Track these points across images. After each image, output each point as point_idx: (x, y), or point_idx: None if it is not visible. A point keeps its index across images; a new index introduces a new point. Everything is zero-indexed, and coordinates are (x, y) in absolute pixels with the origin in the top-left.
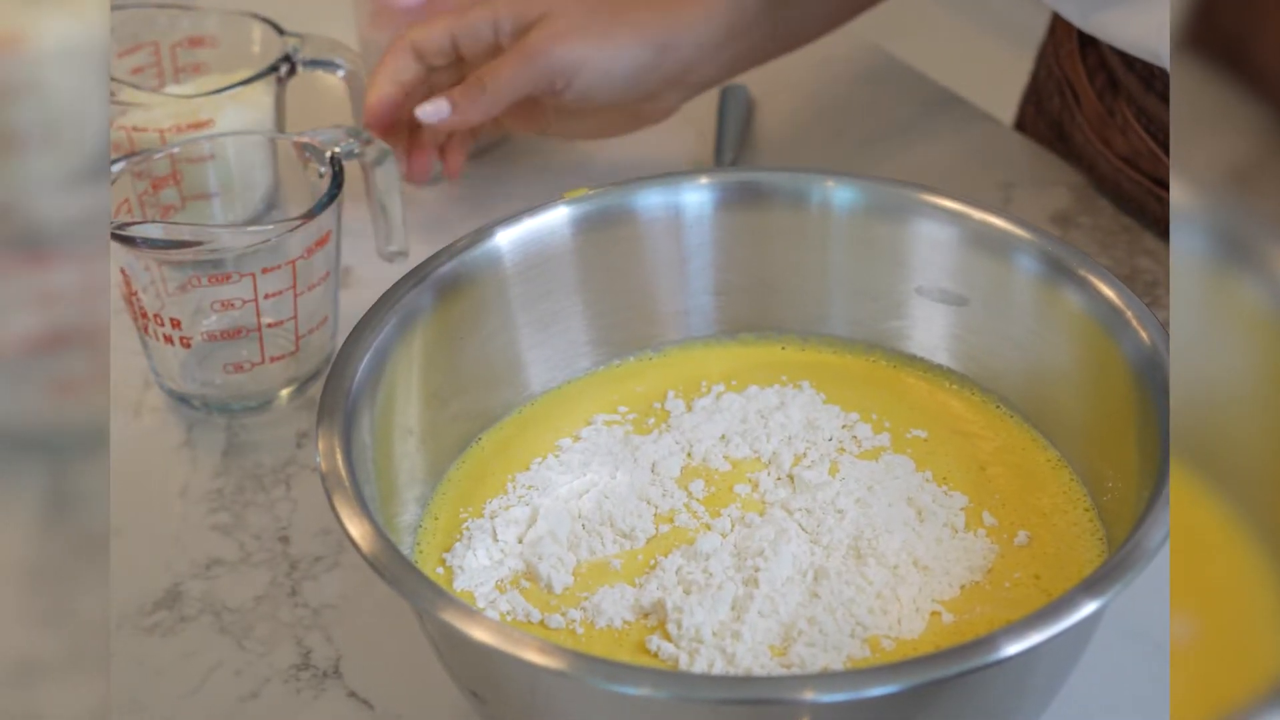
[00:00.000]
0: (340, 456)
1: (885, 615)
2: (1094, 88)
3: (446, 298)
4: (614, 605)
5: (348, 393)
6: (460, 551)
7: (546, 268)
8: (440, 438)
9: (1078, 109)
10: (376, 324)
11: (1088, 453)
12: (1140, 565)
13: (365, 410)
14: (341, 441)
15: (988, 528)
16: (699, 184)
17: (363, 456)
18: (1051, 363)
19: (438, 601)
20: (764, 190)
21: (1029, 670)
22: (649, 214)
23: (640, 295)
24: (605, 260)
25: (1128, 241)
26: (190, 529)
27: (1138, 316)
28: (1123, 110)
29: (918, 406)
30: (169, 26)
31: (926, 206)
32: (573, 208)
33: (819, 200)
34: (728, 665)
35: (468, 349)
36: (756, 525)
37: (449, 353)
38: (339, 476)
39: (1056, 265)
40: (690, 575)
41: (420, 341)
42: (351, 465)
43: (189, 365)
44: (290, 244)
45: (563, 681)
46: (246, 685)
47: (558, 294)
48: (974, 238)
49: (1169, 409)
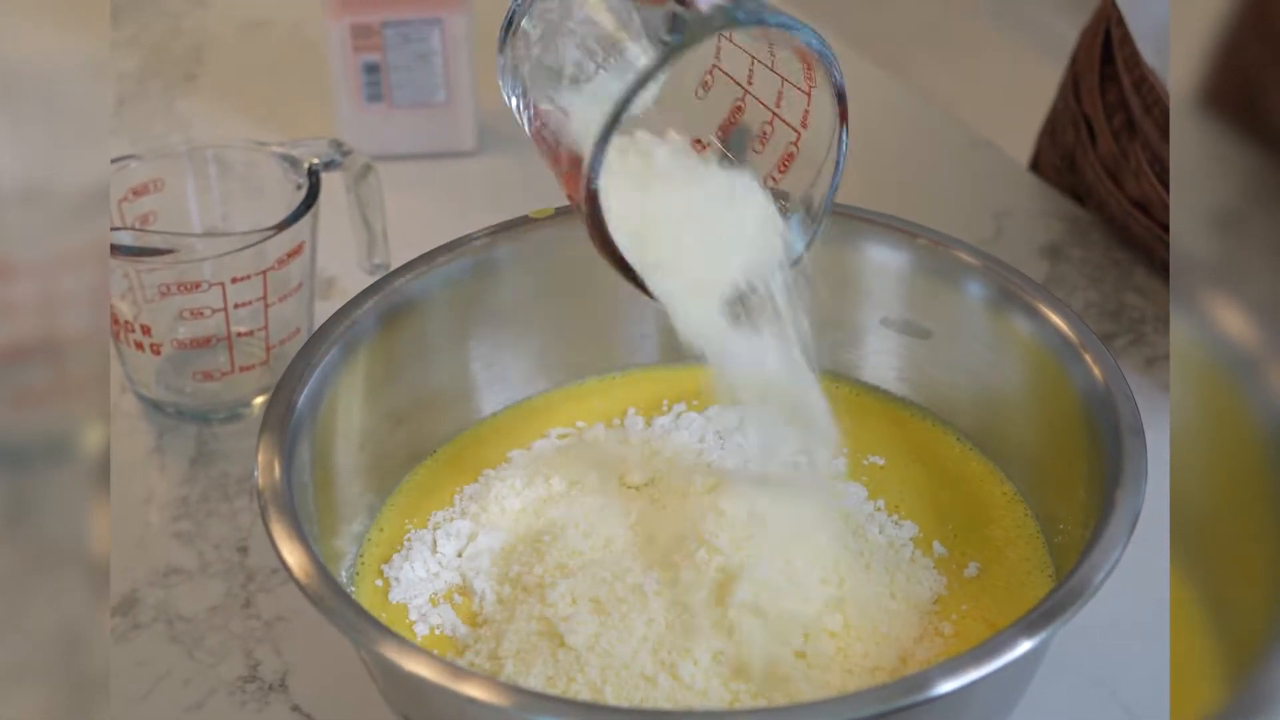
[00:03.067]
0: (279, 473)
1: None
2: (1110, 127)
3: (399, 319)
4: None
5: (292, 409)
6: (398, 563)
7: (499, 291)
8: (392, 451)
9: (1092, 147)
10: (325, 343)
11: (1041, 487)
12: (1079, 604)
13: (308, 425)
14: (282, 457)
15: (937, 558)
16: None
17: (303, 473)
18: (1006, 394)
19: (367, 632)
20: None
21: (964, 707)
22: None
23: (600, 318)
24: (563, 282)
25: (1117, 277)
26: (153, 536)
27: (1090, 350)
28: (1137, 154)
29: (878, 432)
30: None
31: (877, 231)
32: (526, 230)
33: None
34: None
35: (421, 368)
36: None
37: (401, 371)
38: (276, 494)
39: (1008, 295)
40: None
41: (371, 360)
42: (290, 484)
43: (162, 372)
44: (262, 254)
45: (495, 714)
46: (193, 696)
47: (514, 316)
48: (927, 266)
49: (1118, 444)
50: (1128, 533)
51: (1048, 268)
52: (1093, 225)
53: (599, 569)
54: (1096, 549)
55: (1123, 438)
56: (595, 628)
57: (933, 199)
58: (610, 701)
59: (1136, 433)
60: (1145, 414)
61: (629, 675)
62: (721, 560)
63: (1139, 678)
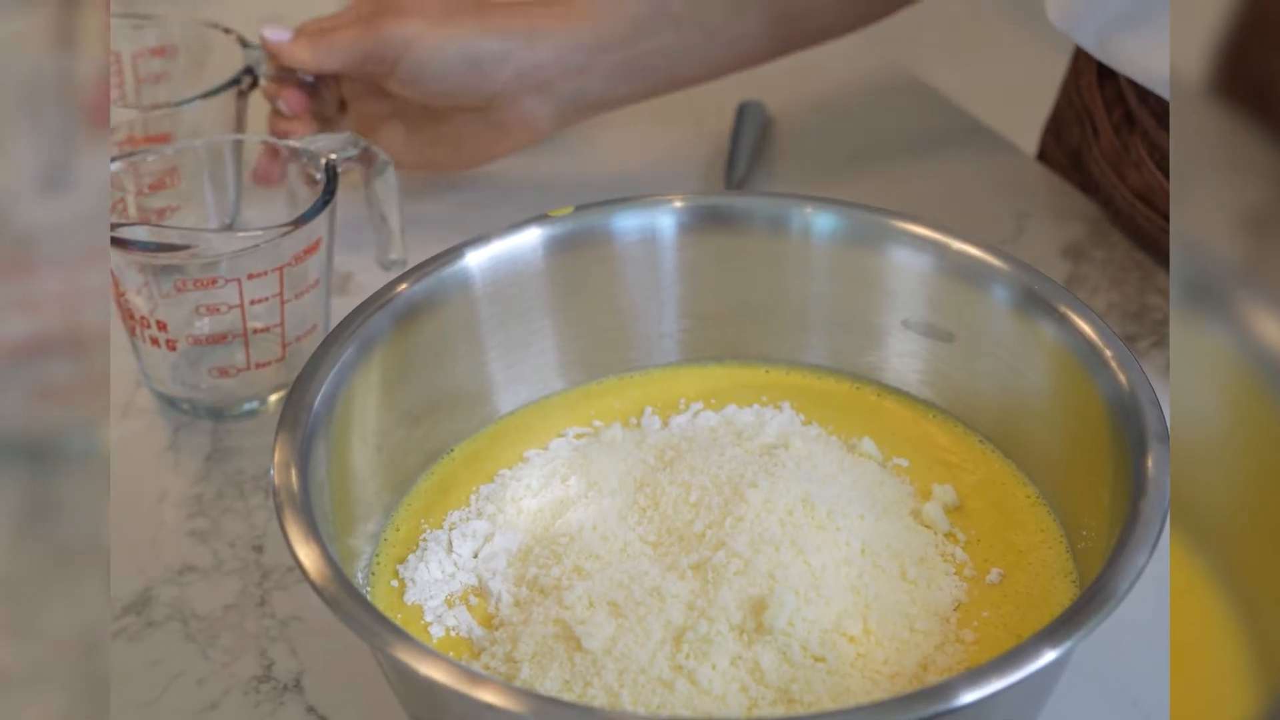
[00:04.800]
0: (295, 472)
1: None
2: (1110, 121)
3: (415, 317)
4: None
5: (309, 408)
6: (414, 564)
7: (519, 288)
8: (409, 451)
9: (1095, 141)
10: (342, 341)
11: (1064, 492)
12: (1104, 612)
13: (324, 425)
14: (298, 456)
15: (958, 564)
16: (676, 207)
17: (318, 471)
18: (1030, 399)
19: (383, 635)
20: (742, 215)
21: (987, 718)
22: (625, 236)
23: (617, 318)
24: (580, 282)
25: (1139, 278)
26: (167, 533)
27: (1116, 356)
28: (1137, 146)
29: (900, 434)
30: (132, 36)
31: (905, 235)
32: (545, 228)
33: (798, 226)
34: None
35: (437, 367)
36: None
37: (417, 370)
38: (291, 494)
39: (1034, 298)
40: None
41: (388, 359)
42: (306, 483)
43: (178, 368)
44: (279, 250)
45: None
46: (207, 696)
47: (531, 315)
48: (953, 268)
49: (1142, 450)
50: (1154, 539)
51: (1070, 269)
52: (1114, 225)
53: (616, 571)
54: (1121, 556)
55: (1148, 444)
56: (612, 631)
57: (953, 199)
58: (627, 707)
59: (1162, 439)
60: None
61: (646, 680)
62: (740, 564)
63: (1162, 686)
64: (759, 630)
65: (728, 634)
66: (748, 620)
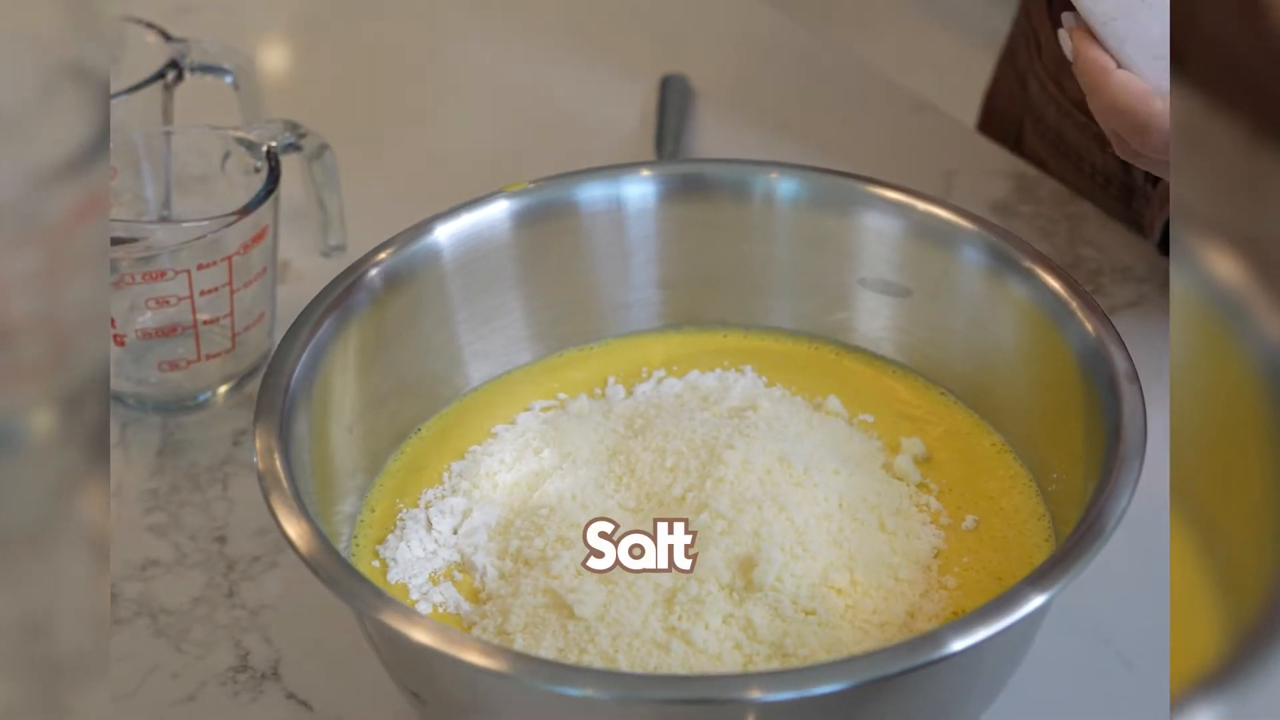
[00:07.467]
0: (277, 455)
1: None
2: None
3: (385, 293)
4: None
5: (285, 390)
6: (393, 543)
7: (486, 262)
8: (379, 431)
9: (1038, 58)
10: (314, 320)
11: (1033, 439)
12: (1089, 556)
13: (302, 407)
14: (279, 440)
15: (933, 512)
16: (641, 176)
17: (300, 454)
18: (997, 353)
19: (375, 602)
20: (708, 182)
21: (976, 664)
22: (590, 207)
23: (582, 289)
24: (546, 254)
25: (1069, 229)
26: (125, 530)
27: (1082, 306)
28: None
29: (864, 391)
30: None
31: (871, 198)
32: (512, 201)
33: (762, 192)
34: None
35: (406, 344)
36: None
37: (387, 348)
38: (276, 476)
39: (1001, 256)
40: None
41: (358, 337)
42: (289, 463)
43: (123, 364)
44: (227, 240)
45: (503, 682)
46: (183, 688)
47: (498, 289)
48: (919, 229)
49: (1114, 393)
50: (1134, 478)
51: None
52: (1040, 181)
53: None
54: (1104, 497)
55: (1119, 386)
56: (604, 597)
57: (883, 163)
58: (624, 669)
59: (1133, 380)
60: None
61: (640, 643)
62: (725, 524)
63: (1136, 628)
64: (749, 588)
65: (718, 593)
66: (737, 579)
